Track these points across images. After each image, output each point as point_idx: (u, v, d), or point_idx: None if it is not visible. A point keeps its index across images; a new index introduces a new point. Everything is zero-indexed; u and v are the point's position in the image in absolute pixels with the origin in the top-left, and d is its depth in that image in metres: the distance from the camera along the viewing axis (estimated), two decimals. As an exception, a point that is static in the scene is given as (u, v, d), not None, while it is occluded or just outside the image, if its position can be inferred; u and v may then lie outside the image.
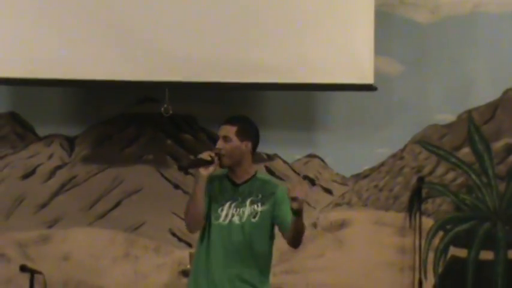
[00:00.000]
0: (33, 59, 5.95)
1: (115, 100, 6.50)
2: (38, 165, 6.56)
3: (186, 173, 4.50)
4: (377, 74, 6.24)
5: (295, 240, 4.48)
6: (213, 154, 4.50)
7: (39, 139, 6.56)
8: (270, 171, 6.68)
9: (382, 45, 6.31)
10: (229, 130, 4.56)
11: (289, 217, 4.41)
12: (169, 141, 6.60)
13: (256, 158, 6.56)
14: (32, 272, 6.24)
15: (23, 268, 6.27)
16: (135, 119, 6.59)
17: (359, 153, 6.74)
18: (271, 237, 4.64)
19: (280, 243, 6.56)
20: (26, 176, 6.54)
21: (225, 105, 6.44)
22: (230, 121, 4.61)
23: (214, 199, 4.58)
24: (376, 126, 6.73)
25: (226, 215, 4.56)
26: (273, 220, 4.57)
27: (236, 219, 4.54)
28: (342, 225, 6.72)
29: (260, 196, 4.56)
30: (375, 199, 6.78)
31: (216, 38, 6.05)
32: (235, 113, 6.41)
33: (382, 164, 6.78)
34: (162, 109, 6.12)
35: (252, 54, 6.08)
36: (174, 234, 6.52)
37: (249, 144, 4.58)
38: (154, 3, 6.02)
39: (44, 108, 6.50)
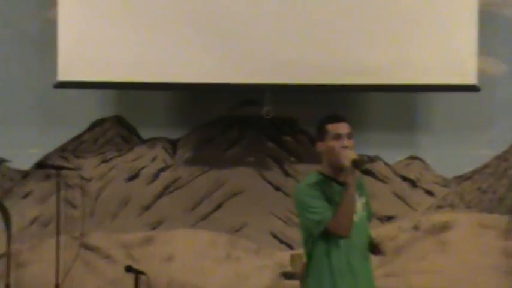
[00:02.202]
0: (137, 63, 6.06)
1: (216, 103, 6.56)
2: (142, 168, 6.66)
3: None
4: (480, 74, 6.15)
5: None
6: (353, 151, 4.43)
7: (143, 142, 6.67)
8: (370, 173, 6.65)
9: (485, 45, 6.23)
10: (350, 128, 4.50)
11: (372, 208, 4.63)
12: (270, 144, 6.63)
13: (357, 160, 6.60)
14: (137, 273, 6.34)
15: (128, 269, 6.37)
16: (237, 121, 6.63)
17: (461, 155, 6.64)
18: None
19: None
20: (131, 179, 6.66)
21: (325, 107, 6.43)
22: (345, 119, 4.53)
23: (331, 202, 4.43)
24: (479, 127, 6.62)
25: None
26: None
27: (354, 216, 4.44)
28: (444, 227, 6.64)
29: (360, 189, 4.53)
30: (478, 201, 6.67)
31: (316, 40, 6.05)
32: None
33: (486, 166, 6.67)
34: (263, 111, 6.15)
35: (353, 56, 6.07)
36: (275, 236, 6.54)
37: None
38: (255, 6, 6.06)
39: (148, 111, 6.60)
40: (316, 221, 4.38)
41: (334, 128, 4.45)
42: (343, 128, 4.46)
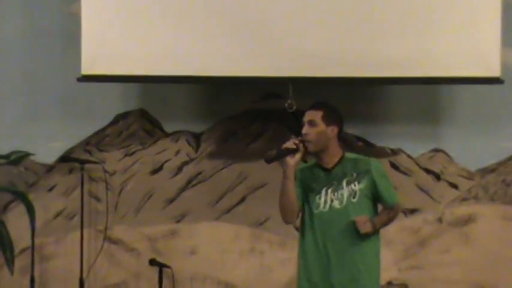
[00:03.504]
0: (160, 57, 6.06)
1: (240, 96, 6.56)
2: (166, 161, 6.67)
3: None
4: (504, 65, 6.10)
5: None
6: (297, 141, 4.56)
7: (166, 135, 6.68)
8: (394, 166, 6.64)
9: (509, 37, 6.18)
10: (315, 115, 4.60)
11: (386, 192, 4.58)
12: (293, 137, 6.60)
13: (380, 152, 6.61)
14: (161, 266, 6.37)
15: (152, 262, 6.41)
16: (260, 114, 6.63)
17: (485, 147, 6.62)
18: (375, 214, 4.63)
19: (406, 237, 6.56)
20: (155, 172, 6.67)
21: (348, 100, 6.43)
22: (315, 106, 4.64)
23: (309, 189, 4.62)
24: (503, 119, 6.60)
25: (325, 202, 4.57)
26: (374, 196, 4.60)
27: (336, 203, 4.56)
28: (468, 220, 6.62)
29: (355, 175, 4.58)
30: (502, 194, 6.64)
31: (339, 33, 6.04)
32: (358, 108, 6.51)
33: (510, 158, 6.64)
34: (286, 105, 6.15)
35: (376, 49, 6.05)
36: (298, 229, 6.53)
37: (335, 129, 4.61)
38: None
39: (171, 105, 6.62)
40: None
41: (304, 116, 4.64)
42: (306, 116, 4.62)
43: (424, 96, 6.61)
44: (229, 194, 6.64)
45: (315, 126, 4.56)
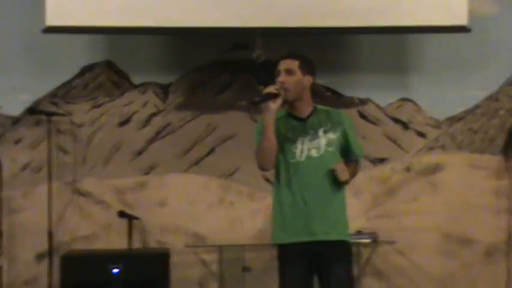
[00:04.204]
0: (126, 7, 5.98)
1: (208, 47, 6.52)
2: (134, 113, 6.63)
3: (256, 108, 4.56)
4: (471, 14, 6.10)
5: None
6: (278, 87, 4.53)
7: (134, 87, 6.63)
8: (362, 116, 6.66)
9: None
10: (292, 63, 4.59)
11: (355, 144, 4.66)
12: (261, 87, 6.58)
13: (349, 102, 6.62)
14: (130, 218, 6.37)
15: (121, 214, 6.40)
16: (228, 65, 6.60)
17: (453, 96, 6.66)
18: None
19: (374, 186, 6.60)
20: (122, 124, 6.63)
21: (316, 50, 6.39)
22: (292, 55, 4.64)
23: (284, 139, 4.59)
24: (470, 68, 6.62)
25: (302, 151, 4.57)
26: (343, 147, 4.64)
27: (314, 152, 4.57)
28: (435, 168, 6.67)
29: (329, 125, 4.61)
30: (469, 142, 6.69)
31: (307, -18, 6.01)
32: (327, 58, 6.49)
33: (477, 106, 6.69)
34: (254, 55, 6.12)
35: (344, -2, 6.03)
36: (267, 180, 6.54)
37: (311, 79, 4.64)
38: None
39: (138, 56, 6.55)
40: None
41: (278, 65, 4.61)
42: (282, 64, 4.60)
43: (392, 46, 6.61)
44: (197, 146, 6.63)
45: (292, 74, 4.57)
